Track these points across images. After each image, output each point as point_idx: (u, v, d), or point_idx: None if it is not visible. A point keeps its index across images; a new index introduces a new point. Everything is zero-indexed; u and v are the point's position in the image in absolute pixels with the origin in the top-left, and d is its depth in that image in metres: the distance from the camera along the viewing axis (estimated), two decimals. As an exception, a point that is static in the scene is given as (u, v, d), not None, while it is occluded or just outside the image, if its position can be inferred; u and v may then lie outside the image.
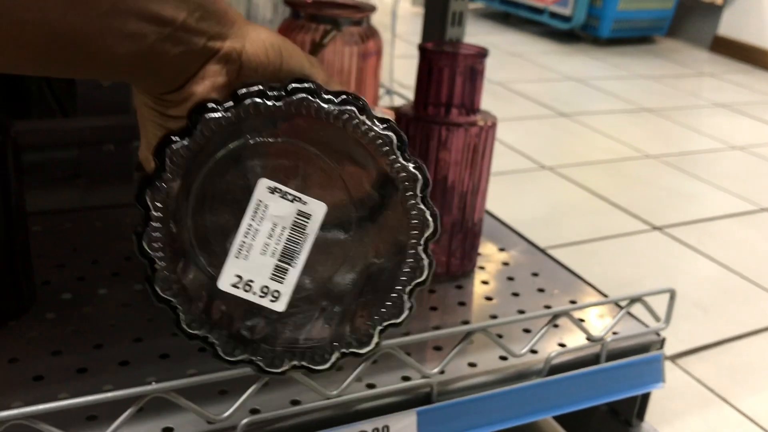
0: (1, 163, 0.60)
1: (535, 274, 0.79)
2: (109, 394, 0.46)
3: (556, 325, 0.69)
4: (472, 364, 0.63)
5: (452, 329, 0.58)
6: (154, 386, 0.48)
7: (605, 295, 0.76)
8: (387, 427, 0.56)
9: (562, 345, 0.67)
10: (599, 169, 1.66)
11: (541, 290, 0.76)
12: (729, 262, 1.29)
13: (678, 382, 0.96)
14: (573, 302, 0.74)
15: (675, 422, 0.88)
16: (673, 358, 0.99)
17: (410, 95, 0.77)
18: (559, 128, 1.92)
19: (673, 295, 0.67)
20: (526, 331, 0.68)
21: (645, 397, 0.71)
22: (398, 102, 1.12)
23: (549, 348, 0.66)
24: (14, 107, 0.95)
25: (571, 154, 1.73)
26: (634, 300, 0.66)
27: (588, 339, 0.66)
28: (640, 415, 0.72)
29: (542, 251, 0.83)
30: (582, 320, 0.71)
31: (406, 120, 0.72)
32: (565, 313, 0.63)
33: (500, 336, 0.65)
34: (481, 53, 0.69)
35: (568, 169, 1.63)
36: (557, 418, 0.82)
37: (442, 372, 0.58)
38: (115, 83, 0.85)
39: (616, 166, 1.70)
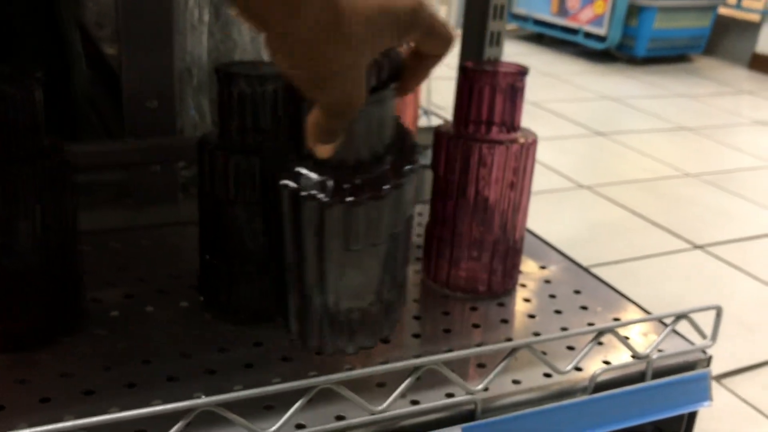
0: (57, 183, 0.62)
1: (577, 292, 0.78)
2: (158, 408, 0.47)
3: (600, 343, 0.68)
4: (516, 381, 0.62)
5: (496, 345, 0.58)
6: (202, 400, 0.48)
7: (649, 313, 0.75)
8: (432, 443, 0.56)
9: (606, 362, 0.66)
10: (638, 187, 1.65)
11: (584, 308, 0.75)
12: (774, 281, 1.27)
13: (723, 401, 0.94)
14: (617, 320, 0.73)
15: (722, 443, 0.87)
16: (719, 378, 0.98)
17: (447, 116, 0.78)
18: (595, 147, 1.91)
19: (719, 312, 0.66)
20: (570, 348, 0.68)
21: (692, 416, 0.70)
22: (436, 122, 1.13)
23: (593, 366, 0.65)
24: (62, 130, 0.98)
25: (608, 173, 1.71)
26: (679, 317, 0.65)
27: (633, 356, 0.66)
28: (687, 434, 0.71)
29: (584, 269, 0.83)
30: (627, 338, 0.70)
31: (446, 138, 0.72)
32: (611, 330, 0.62)
33: (544, 353, 0.64)
34: (522, 71, 0.70)
35: (606, 188, 1.62)
36: (601, 438, 0.81)
37: (486, 389, 0.58)
38: (160, 105, 0.88)
39: (655, 184, 1.68)
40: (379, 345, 0.66)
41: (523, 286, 0.79)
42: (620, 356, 0.67)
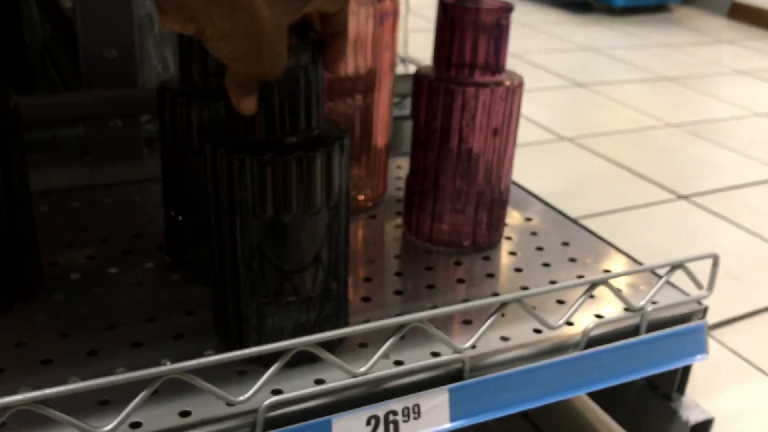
0: (3, 135, 0.56)
1: (565, 244, 0.75)
2: (122, 376, 0.43)
3: (591, 296, 0.65)
4: (504, 338, 0.59)
5: (485, 300, 0.54)
6: (169, 367, 0.44)
7: (641, 264, 0.72)
8: (417, 405, 0.53)
9: (598, 316, 0.63)
10: (620, 139, 1.61)
11: (572, 260, 0.72)
12: (760, 230, 1.24)
13: (713, 354, 0.92)
14: (607, 271, 0.70)
15: (713, 396, 0.85)
16: (708, 329, 0.95)
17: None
18: (576, 99, 1.87)
19: (716, 260, 0.63)
20: (560, 302, 0.65)
21: (686, 370, 0.68)
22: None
23: (584, 320, 0.62)
24: (16, 82, 0.92)
25: (590, 125, 1.68)
26: (675, 267, 0.62)
27: (626, 309, 0.63)
28: (681, 388, 0.68)
29: (572, 220, 0.79)
30: (619, 290, 0.67)
31: (427, 82, 0.68)
32: (603, 282, 0.59)
33: (533, 308, 0.61)
34: (507, 7, 0.65)
35: (588, 139, 1.58)
36: (590, 394, 0.78)
37: (473, 347, 0.55)
38: (120, 55, 0.82)
39: (637, 135, 1.65)
40: (358, 303, 0.63)
41: (509, 238, 0.75)
42: (612, 309, 0.64)
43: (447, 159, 0.69)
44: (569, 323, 0.60)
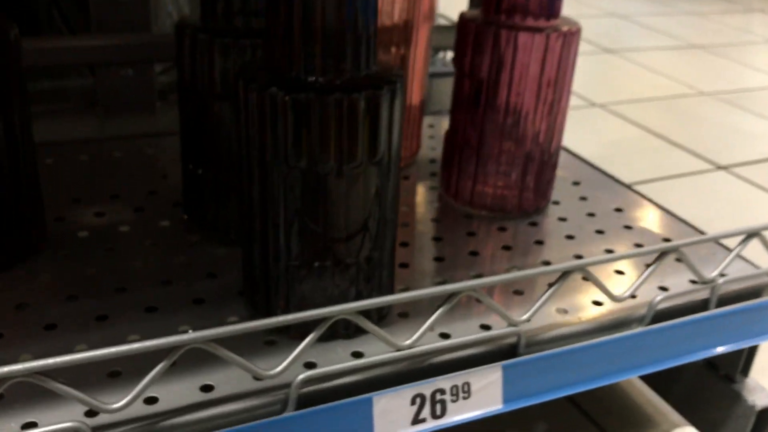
0: (3, 78, 0.50)
1: (618, 210, 0.68)
2: (137, 345, 0.37)
3: (648, 265, 0.59)
4: (561, 311, 0.53)
5: (547, 268, 0.48)
6: (191, 335, 0.38)
7: (702, 233, 0.65)
8: (467, 384, 0.46)
9: (662, 288, 0.57)
10: (653, 106, 1.54)
11: (627, 227, 0.65)
12: (803, 203, 1.18)
13: None
14: (667, 240, 0.64)
15: None
16: (756, 306, 0.89)
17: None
18: (605, 65, 1.79)
19: (797, 229, 0.56)
20: (618, 272, 0.58)
21: (752, 349, 0.62)
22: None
23: (647, 292, 0.56)
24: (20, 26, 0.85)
25: (621, 91, 1.60)
26: (750, 235, 0.56)
27: (693, 282, 0.56)
28: (745, 369, 0.62)
29: (624, 184, 0.73)
30: (678, 260, 0.60)
31: (474, 26, 0.61)
32: (674, 250, 0.52)
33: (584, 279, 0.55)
34: (568, -59, 0.58)
35: (620, 106, 1.51)
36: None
37: (528, 320, 0.49)
38: (132, -3, 0.75)
39: (670, 103, 1.57)
40: (396, 270, 0.56)
41: (556, 203, 0.69)
42: (675, 282, 0.58)
43: (493, 114, 0.62)
44: (632, 296, 0.54)
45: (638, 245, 0.62)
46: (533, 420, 0.69)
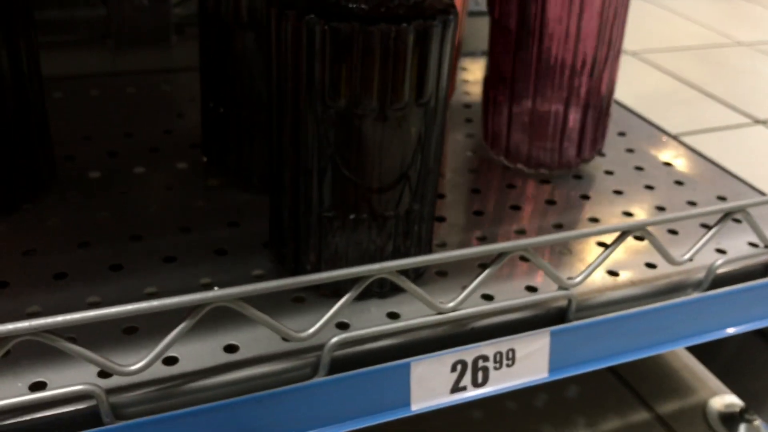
0: (6, 10, 0.45)
1: (667, 164, 0.63)
2: (156, 303, 0.33)
3: (706, 226, 0.54)
4: (612, 273, 0.49)
5: (602, 227, 0.43)
6: (216, 293, 0.34)
7: (760, 191, 0.61)
8: (512, 351, 0.43)
9: (720, 251, 0.52)
10: (688, 55, 1.47)
11: (679, 183, 0.61)
12: None
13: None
14: (722, 198, 0.59)
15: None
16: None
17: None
18: (638, 11, 1.71)
19: None
20: (672, 232, 0.54)
21: (808, 319, 0.57)
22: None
23: (703, 256, 0.51)
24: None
25: (655, 39, 1.53)
26: (821, 196, 0.51)
27: (754, 245, 0.52)
28: (799, 339, 0.58)
29: (672, 136, 0.68)
30: (737, 220, 0.56)
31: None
32: (741, 210, 0.48)
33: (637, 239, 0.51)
34: None
35: (654, 54, 1.44)
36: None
37: (581, 282, 0.45)
38: None
39: (705, 53, 1.50)
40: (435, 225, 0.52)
41: (602, 155, 0.64)
42: (734, 244, 0.53)
43: (538, 52, 0.57)
44: (690, 259, 0.50)
45: (691, 203, 0.58)
46: (566, 382, 0.66)
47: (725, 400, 0.65)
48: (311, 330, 0.37)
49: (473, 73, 0.79)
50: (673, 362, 0.70)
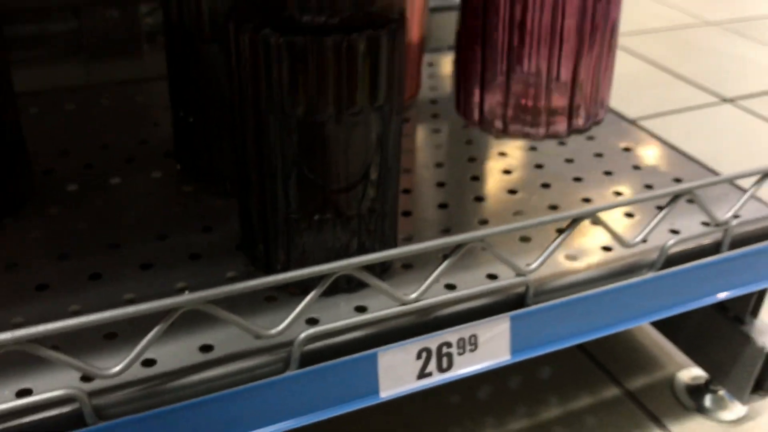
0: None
1: (626, 149, 0.66)
2: (131, 309, 0.35)
3: (659, 207, 0.57)
4: (570, 257, 0.51)
5: (553, 216, 0.46)
6: (187, 297, 0.37)
7: (715, 173, 0.63)
8: (474, 336, 0.45)
9: (673, 232, 0.55)
10: (656, 37, 1.50)
11: (636, 167, 0.63)
12: (812, 135, 1.15)
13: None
14: (678, 181, 0.62)
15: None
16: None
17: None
18: (607, -5, 1.73)
19: (814, 167, 0.54)
20: (628, 215, 0.56)
21: (762, 291, 0.60)
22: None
23: (658, 236, 0.54)
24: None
25: (623, 22, 1.55)
26: (765, 175, 0.54)
27: (706, 224, 0.55)
28: (755, 310, 0.61)
29: (630, 121, 0.70)
30: (690, 200, 0.58)
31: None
32: (688, 193, 0.50)
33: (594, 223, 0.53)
34: None
35: (621, 38, 1.47)
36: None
37: (536, 269, 0.47)
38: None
39: (673, 34, 1.53)
40: (399, 219, 0.55)
41: (562, 144, 0.66)
42: (687, 224, 0.56)
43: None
44: (643, 240, 0.52)
45: (648, 186, 0.60)
46: (538, 363, 0.69)
47: (692, 372, 0.68)
48: (279, 327, 0.40)
49: (439, 68, 0.81)
50: (641, 339, 0.73)
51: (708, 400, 0.65)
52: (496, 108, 0.52)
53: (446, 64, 0.82)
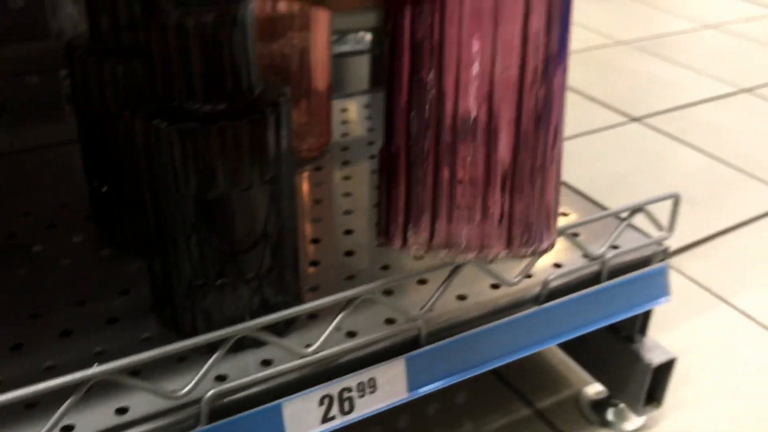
0: None
1: (520, 187, 0.71)
2: (43, 386, 0.39)
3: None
4: (461, 297, 0.56)
5: (437, 263, 0.51)
6: (96, 370, 0.40)
7: (600, 205, 0.69)
8: (373, 379, 0.50)
9: (557, 266, 0.60)
10: (573, 60, 1.57)
11: (528, 204, 0.68)
12: (713, 149, 1.23)
13: (673, 284, 0.91)
14: (565, 215, 0.67)
15: (673, 328, 0.84)
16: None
17: None
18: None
19: (677, 200, 0.60)
20: (518, 253, 0.62)
21: (647, 312, 0.66)
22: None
23: (544, 270, 0.59)
24: None
25: (540, 47, 1.62)
26: (635, 210, 0.60)
27: (586, 257, 0.60)
28: (643, 329, 0.67)
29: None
30: (576, 235, 0.64)
31: None
32: (562, 233, 0.56)
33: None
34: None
35: (538, 62, 1.54)
36: (551, 337, 0.77)
37: (430, 310, 0.52)
38: (27, 3, 0.74)
39: (588, 55, 1.61)
40: (306, 269, 0.59)
41: (462, 184, 0.71)
42: (572, 257, 0.61)
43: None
44: (527, 276, 0.57)
45: (537, 223, 0.66)
46: (454, 389, 0.74)
47: (595, 388, 0.74)
48: (186, 389, 0.43)
49: (351, 114, 0.86)
50: (550, 358, 0.78)
51: (610, 414, 0.71)
52: (422, 244, 0.43)
53: (357, 109, 0.87)
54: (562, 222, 0.65)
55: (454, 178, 0.38)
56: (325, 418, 0.48)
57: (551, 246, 0.39)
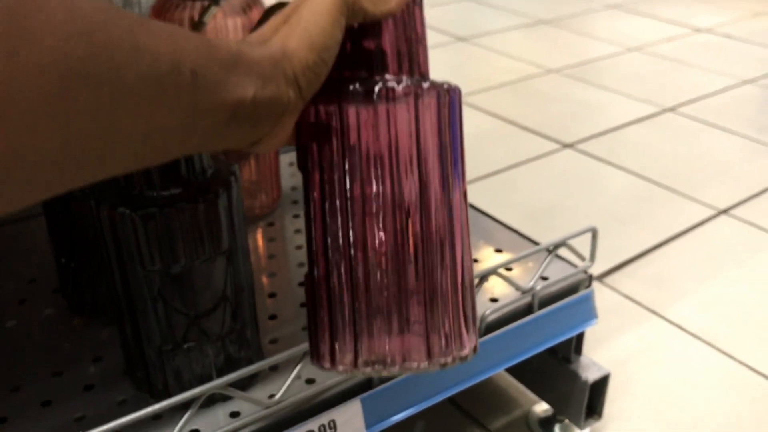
0: None
1: (457, 228, 0.78)
2: (33, 456, 0.43)
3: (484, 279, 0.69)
4: (408, 338, 0.62)
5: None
6: (80, 437, 0.45)
7: (529, 239, 0.76)
8: (333, 421, 0.55)
9: (493, 300, 0.66)
10: (505, 92, 1.66)
11: (466, 244, 0.75)
12: (640, 169, 1.32)
13: (607, 301, 0.98)
14: (498, 251, 0.74)
15: (610, 343, 0.91)
16: (600, 277, 1.02)
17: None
18: (459, 54, 1.90)
19: (595, 233, 0.67)
20: (457, 291, 0.68)
21: (580, 334, 0.73)
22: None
23: (482, 305, 0.65)
24: None
25: (475, 80, 1.71)
26: (558, 245, 0.66)
27: (518, 290, 0.66)
28: (578, 349, 0.73)
29: (462, 201, 0.82)
30: (510, 269, 0.70)
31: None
32: (494, 272, 0.62)
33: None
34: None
35: (474, 96, 1.62)
36: (499, 362, 0.83)
37: (379, 354, 0.57)
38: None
39: (521, 86, 1.70)
40: (265, 322, 0.64)
41: (404, 229, 0.77)
42: (505, 290, 0.68)
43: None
44: (467, 313, 0.63)
45: (473, 260, 0.72)
46: (412, 419, 0.79)
47: (543, 406, 0.80)
48: (162, 448, 0.48)
49: (298, 167, 0.91)
50: (499, 381, 0.84)
51: (557, 429, 0.77)
52: (348, 365, 0.42)
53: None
54: (495, 259, 0.72)
55: (369, 307, 0.39)
56: (292, 461, 0.53)
57: (474, 350, 0.42)
